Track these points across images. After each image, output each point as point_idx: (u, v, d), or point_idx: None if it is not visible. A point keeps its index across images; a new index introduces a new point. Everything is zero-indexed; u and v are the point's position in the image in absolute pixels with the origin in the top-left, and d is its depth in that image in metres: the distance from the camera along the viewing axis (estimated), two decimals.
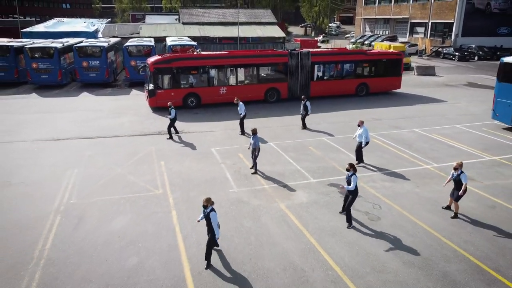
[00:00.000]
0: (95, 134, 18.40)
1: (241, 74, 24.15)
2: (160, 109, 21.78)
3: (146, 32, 44.12)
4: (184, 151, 16.26)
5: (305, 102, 18.96)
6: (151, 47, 30.05)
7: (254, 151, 13.71)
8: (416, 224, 10.68)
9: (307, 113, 19.04)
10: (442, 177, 13.50)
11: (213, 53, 25.87)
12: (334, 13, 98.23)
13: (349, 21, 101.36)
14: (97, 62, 29.02)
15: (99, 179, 13.39)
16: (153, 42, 32.46)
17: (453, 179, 10.88)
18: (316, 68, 24.88)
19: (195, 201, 11.78)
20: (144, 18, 67.79)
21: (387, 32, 64.13)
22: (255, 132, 13.61)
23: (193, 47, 30.91)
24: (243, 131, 18.33)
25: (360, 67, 26.12)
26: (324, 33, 76.27)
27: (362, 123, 14.41)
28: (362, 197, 11.89)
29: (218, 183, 13.20)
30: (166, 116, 17.60)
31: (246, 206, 11.63)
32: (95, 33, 44.70)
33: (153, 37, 38.34)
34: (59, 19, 54.14)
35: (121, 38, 39.52)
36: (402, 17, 60.26)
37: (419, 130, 19.03)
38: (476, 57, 47.34)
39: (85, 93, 27.77)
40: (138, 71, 25.39)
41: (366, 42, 57.78)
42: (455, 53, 47.08)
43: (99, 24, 51.49)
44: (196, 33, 45.17)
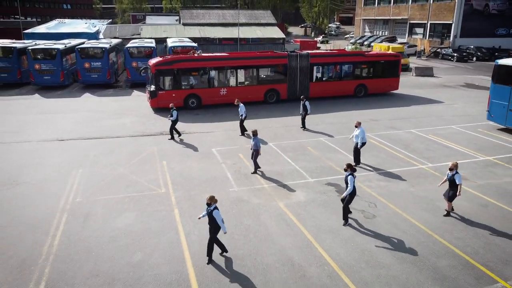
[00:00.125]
0: (98, 134, 18.79)
1: (241, 76, 24.52)
2: (162, 110, 22.18)
3: (146, 33, 44.48)
4: (186, 151, 16.64)
5: (304, 102, 19.32)
6: (152, 49, 30.42)
7: (255, 152, 14.01)
8: (410, 222, 11.08)
9: (306, 112, 19.37)
10: (436, 176, 13.90)
11: (213, 55, 26.27)
12: (334, 13, 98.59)
13: (349, 21, 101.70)
14: (99, 63, 29.37)
15: (103, 178, 13.79)
16: (154, 43, 32.82)
17: (448, 179, 11.24)
18: (315, 70, 25.23)
19: (196, 199, 12.20)
20: (144, 18, 67.90)
21: (387, 33, 64.46)
22: (255, 133, 13.92)
23: (194, 48, 31.28)
24: (243, 132, 18.70)
25: (358, 68, 26.46)
26: (324, 34, 76.55)
27: (359, 124, 14.76)
28: (359, 196, 12.20)
29: (219, 182, 13.58)
30: (168, 117, 17.98)
31: (246, 204, 12.03)
32: (97, 34, 45.06)
33: (154, 38, 38.71)
34: (60, 20, 54.54)
35: (122, 39, 39.94)
36: (401, 18, 60.59)
37: (416, 131, 19.41)
38: (475, 58, 47.70)
39: (87, 94, 28.17)
40: (139, 72, 25.75)
41: (365, 43, 58.24)
42: (454, 54, 47.45)
43: (100, 25, 51.80)
44: (196, 34, 45.53)
